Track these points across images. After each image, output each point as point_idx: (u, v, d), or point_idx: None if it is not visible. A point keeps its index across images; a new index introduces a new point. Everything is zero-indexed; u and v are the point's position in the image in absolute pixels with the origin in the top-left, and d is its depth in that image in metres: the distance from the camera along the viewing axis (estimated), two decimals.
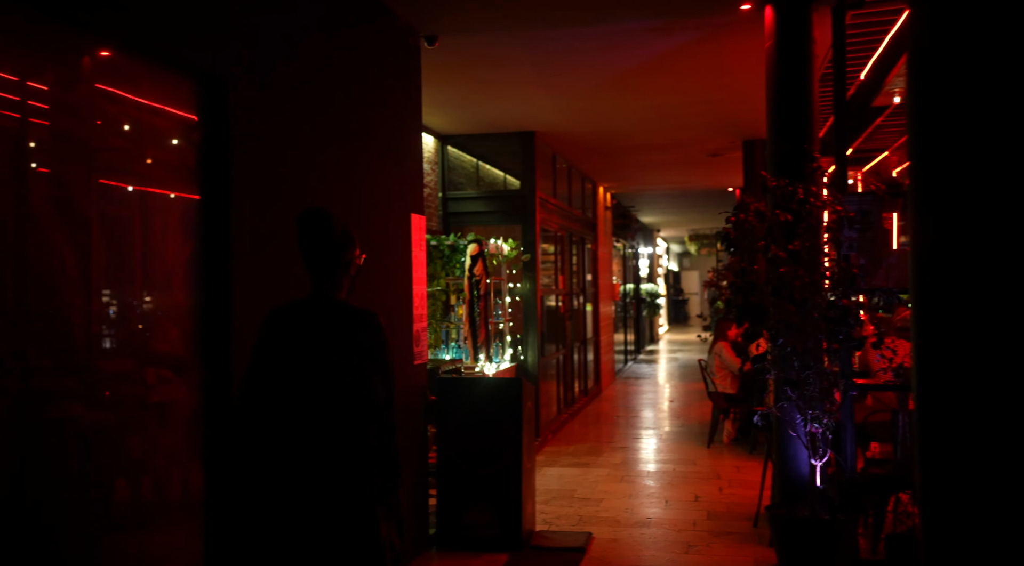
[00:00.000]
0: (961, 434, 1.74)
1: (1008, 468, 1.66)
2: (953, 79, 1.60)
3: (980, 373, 1.66)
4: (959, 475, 1.75)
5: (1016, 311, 1.60)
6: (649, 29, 6.31)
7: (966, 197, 1.68)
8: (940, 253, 1.74)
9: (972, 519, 1.72)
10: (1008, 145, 1.56)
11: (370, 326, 3.04)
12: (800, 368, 5.32)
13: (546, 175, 10.93)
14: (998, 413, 1.66)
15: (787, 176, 5.52)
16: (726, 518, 6.67)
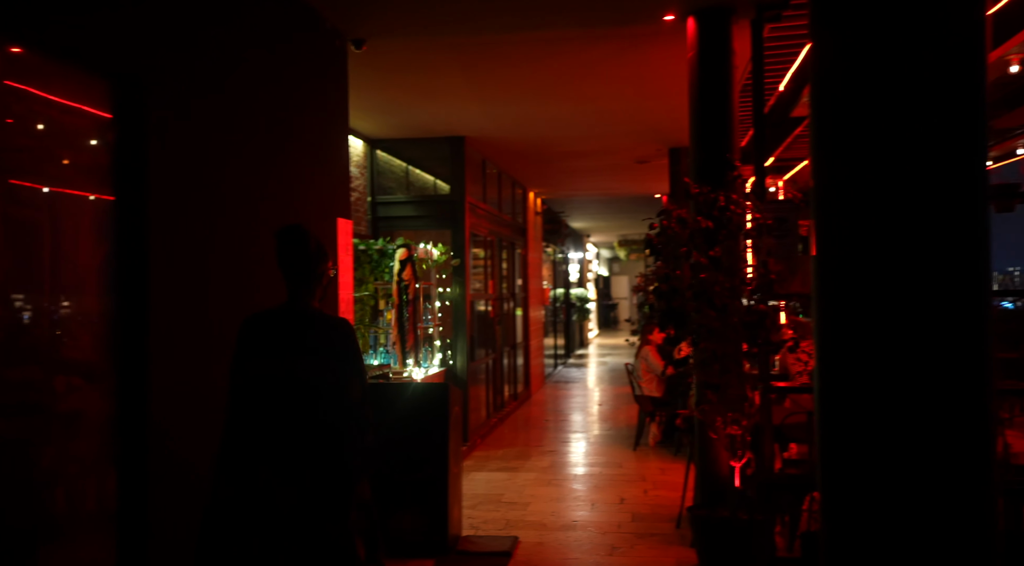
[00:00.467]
0: (858, 433, 1.81)
1: (901, 466, 1.74)
2: (847, 103, 1.67)
3: (875, 374, 1.73)
4: (856, 473, 1.82)
5: (906, 313, 1.67)
6: (576, 37, 6.39)
7: (862, 208, 1.75)
8: (838, 260, 1.80)
9: (868, 514, 1.79)
10: (893, 159, 1.63)
11: (345, 332, 3.33)
12: (720, 372, 5.44)
13: (476, 180, 10.95)
14: (892, 414, 1.73)
15: (709, 184, 5.64)
16: (650, 520, 6.78)
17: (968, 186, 1.60)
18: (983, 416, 1.65)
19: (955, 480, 1.67)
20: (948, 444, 1.66)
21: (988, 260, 1.65)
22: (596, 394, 15.15)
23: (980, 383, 1.64)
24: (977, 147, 1.60)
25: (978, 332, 1.63)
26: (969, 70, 1.61)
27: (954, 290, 1.62)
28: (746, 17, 5.85)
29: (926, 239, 1.62)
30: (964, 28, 1.62)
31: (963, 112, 1.59)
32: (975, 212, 1.61)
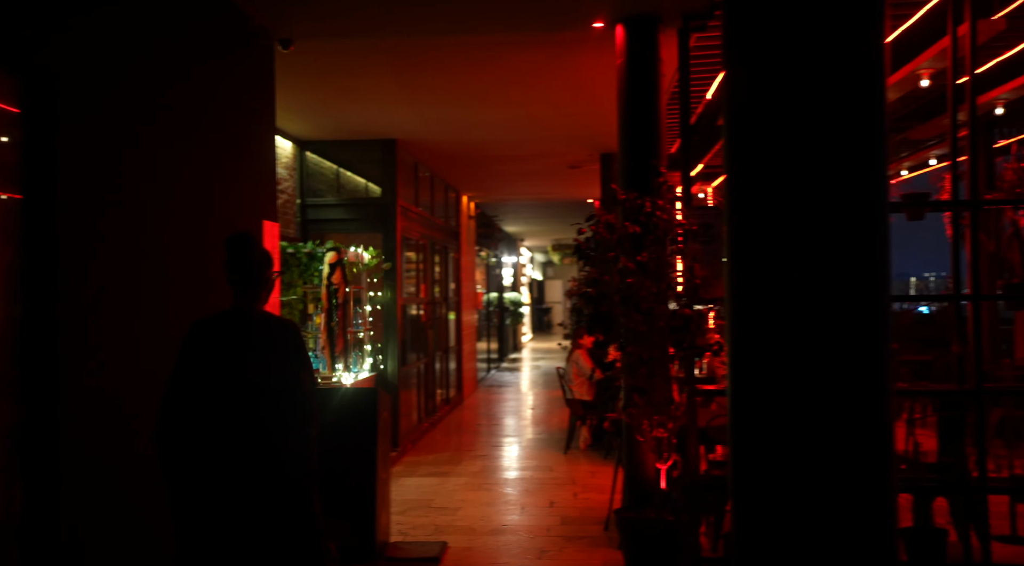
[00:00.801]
0: (765, 433, 1.84)
1: (804, 465, 1.78)
2: (756, 121, 1.71)
3: (780, 377, 1.77)
4: (763, 472, 1.85)
5: (808, 319, 1.71)
6: (508, 42, 6.41)
7: (769, 219, 1.79)
8: (748, 267, 1.84)
9: (774, 512, 1.83)
10: (797, 173, 1.67)
11: (291, 331, 3.55)
12: (647, 375, 5.51)
13: (408, 183, 10.89)
14: (796, 415, 1.77)
15: (637, 189, 5.71)
16: (579, 523, 6.82)
17: (866, 199, 1.65)
18: (880, 417, 1.70)
19: (854, 477, 1.71)
20: (847, 443, 1.70)
21: (886, 268, 1.70)
22: (529, 398, 15.19)
23: (878, 385, 1.69)
24: (875, 163, 1.65)
25: (876, 336, 1.68)
26: (868, 92, 1.67)
27: (853, 297, 1.66)
28: (673, 26, 5.95)
29: (827, 249, 1.67)
30: (863, 56, 1.67)
31: (862, 130, 1.65)
32: (874, 224, 1.66)
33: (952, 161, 5.57)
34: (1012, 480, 5.39)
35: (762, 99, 1.71)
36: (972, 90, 5.41)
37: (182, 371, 3.40)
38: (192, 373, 3.39)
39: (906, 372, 6.50)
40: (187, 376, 3.39)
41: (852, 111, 1.66)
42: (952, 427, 5.80)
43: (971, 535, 5.28)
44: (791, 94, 1.69)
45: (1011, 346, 11.26)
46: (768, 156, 1.70)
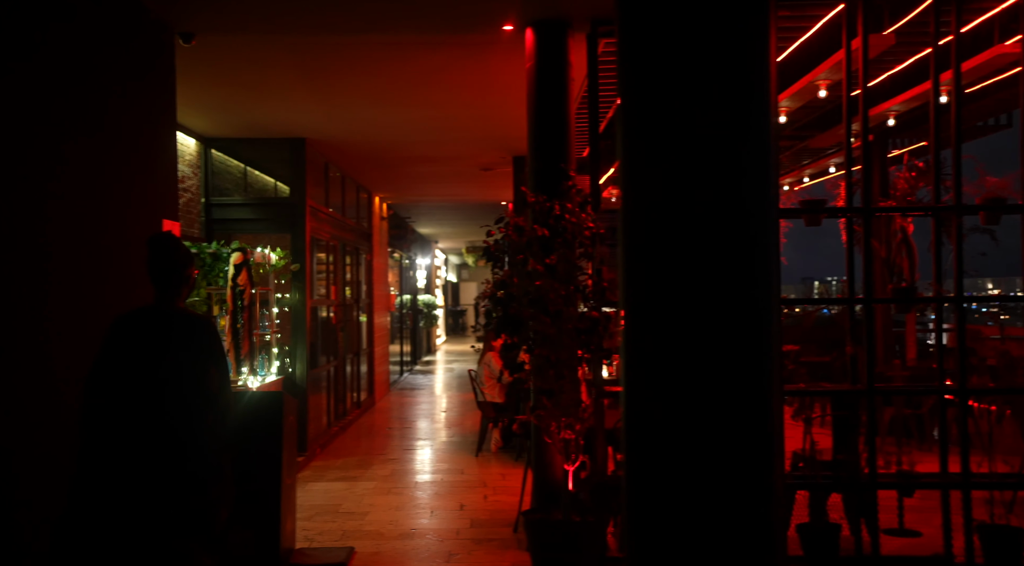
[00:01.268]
0: (656, 432, 1.87)
1: (694, 464, 1.81)
2: (649, 132, 1.74)
3: (669, 379, 1.80)
4: (656, 472, 1.88)
5: (697, 321, 1.75)
6: (419, 43, 6.37)
7: (661, 227, 1.82)
8: (639, 271, 1.87)
9: (666, 511, 1.86)
10: (688, 183, 1.70)
11: (208, 328, 3.68)
12: (555, 377, 5.55)
13: (318, 183, 10.72)
14: (685, 415, 1.81)
15: (546, 193, 5.76)
16: (489, 525, 6.83)
17: (750, 204, 1.69)
18: (765, 416, 1.75)
19: (740, 475, 1.76)
20: (733, 442, 1.75)
21: (773, 273, 1.75)
22: (442, 401, 15.14)
23: (764, 386, 1.74)
24: (763, 170, 1.69)
25: (762, 338, 1.73)
26: (756, 101, 1.71)
27: (740, 299, 1.71)
28: (582, 31, 6.02)
29: (713, 253, 1.71)
30: (751, 63, 1.72)
31: (751, 138, 1.69)
32: (762, 229, 1.70)
33: (847, 169, 5.79)
34: (899, 476, 5.63)
35: (652, 104, 1.74)
36: (864, 102, 5.64)
37: (99, 363, 3.54)
38: (108, 365, 3.53)
39: (804, 373, 6.71)
40: (103, 368, 3.52)
41: (740, 119, 1.71)
42: (846, 426, 6.03)
43: (862, 529, 5.50)
44: (680, 100, 1.73)
45: (904, 348, 11.78)
46: (657, 163, 1.73)
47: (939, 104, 5.76)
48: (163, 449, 3.44)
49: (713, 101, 1.68)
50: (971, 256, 6.42)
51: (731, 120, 1.68)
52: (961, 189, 5.57)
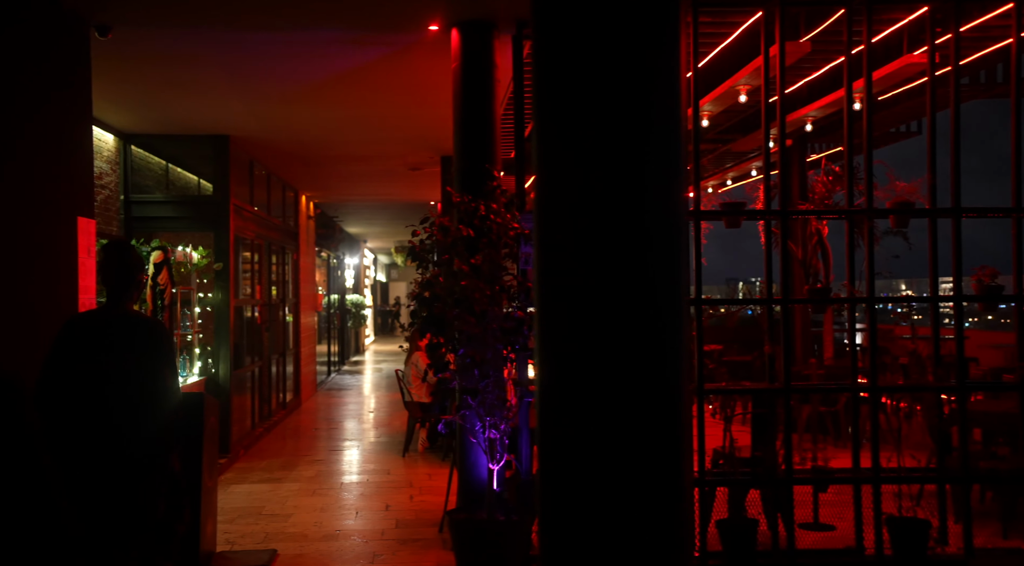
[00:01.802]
0: (569, 432, 1.90)
1: (605, 461, 1.84)
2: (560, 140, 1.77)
3: (578, 380, 1.83)
4: (567, 471, 1.91)
5: (607, 323, 1.78)
6: (342, 41, 6.31)
7: (574, 232, 1.85)
8: (551, 273, 1.89)
9: (577, 508, 1.88)
10: (600, 186, 1.74)
11: (159, 329, 3.92)
12: (480, 377, 5.57)
13: (243, 181, 10.53)
14: (595, 413, 1.84)
15: (471, 193, 5.77)
16: (414, 526, 6.80)
17: (655, 213, 1.73)
18: (673, 415, 1.79)
19: (650, 473, 1.79)
20: (643, 440, 1.78)
21: (682, 274, 1.79)
22: (370, 401, 15.02)
23: (672, 385, 1.78)
24: (667, 178, 1.73)
25: (667, 338, 1.77)
26: (664, 105, 1.75)
27: (648, 300, 1.75)
28: (508, 33, 6.04)
29: (623, 255, 1.74)
30: (660, 70, 1.76)
31: (654, 149, 1.73)
32: (667, 235, 1.74)
33: (765, 173, 5.94)
34: (814, 471, 5.81)
35: (560, 108, 1.77)
36: (782, 108, 5.80)
37: (50, 363, 3.75)
38: (58, 364, 3.74)
39: (725, 372, 6.87)
40: (54, 367, 3.74)
41: (643, 125, 1.74)
42: (764, 423, 6.19)
43: (779, 523, 5.65)
44: (590, 102, 1.76)
45: (821, 347, 12.14)
46: (565, 167, 1.76)
47: (852, 111, 5.96)
48: (107, 438, 3.67)
49: (616, 106, 1.72)
50: (885, 258, 6.66)
51: (635, 125, 1.71)
52: (872, 193, 5.77)
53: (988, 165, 17.02)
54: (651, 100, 1.71)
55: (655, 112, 1.71)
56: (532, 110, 2.01)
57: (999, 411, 6.76)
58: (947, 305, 5.83)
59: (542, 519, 1.92)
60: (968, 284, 5.85)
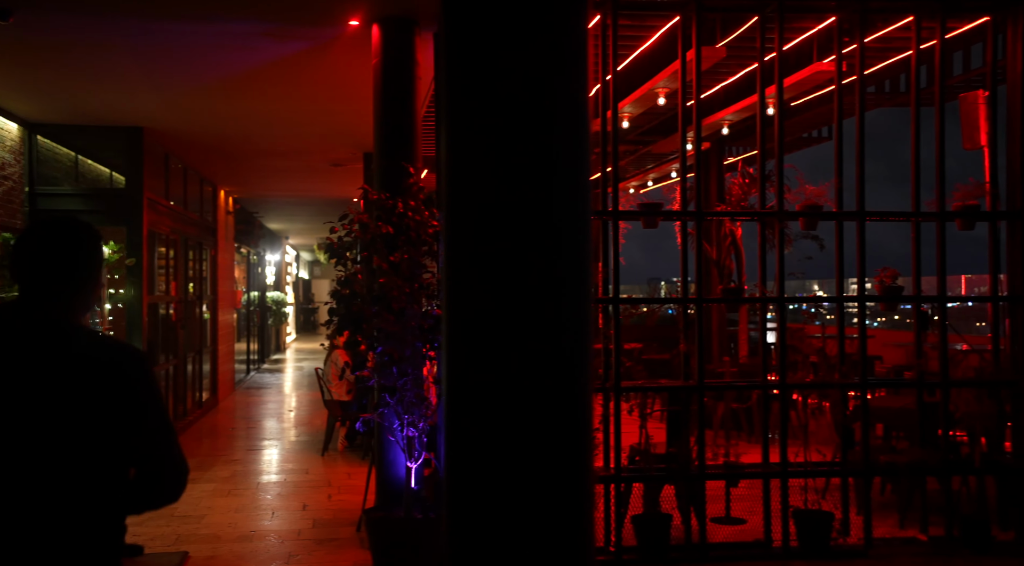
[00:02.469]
0: (475, 432, 1.91)
1: (509, 460, 1.86)
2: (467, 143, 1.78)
3: (481, 378, 1.85)
4: (474, 470, 1.92)
5: (509, 322, 1.80)
6: (260, 34, 6.20)
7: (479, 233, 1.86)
8: (459, 268, 1.90)
9: (480, 507, 1.90)
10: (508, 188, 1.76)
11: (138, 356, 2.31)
12: (398, 375, 5.54)
13: (157, 175, 10.24)
14: (500, 412, 1.86)
15: (390, 190, 5.74)
16: (332, 525, 6.73)
17: (559, 214, 1.76)
18: (577, 414, 1.82)
19: (552, 470, 1.82)
20: (546, 438, 1.81)
21: (584, 273, 1.82)
22: (291, 400, 14.79)
23: (575, 384, 1.81)
24: (571, 181, 1.76)
25: (573, 337, 1.80)
26: (566, 107, 1.78)
27: (548, 301, 1.77)
28: (429, 30, 6.03)
29: (527, 258, 1.76)
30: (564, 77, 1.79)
31: (557, 153, 1.76)
32: (570, 235, 1.77)
33: (682, 175, 6.07)
34: (726, 467, 5.96)
35: (469, 105, 1.78)
36: (698, 111, 5.93)
37: None
38: None
39: (641, 369, 6.98)
40: None
41: (546, 129, 1.77)
42: (679, 420, 6.33)
43: (692, 518, 5.79)
44: (494, 100, 1.77)
45: (738, 345, 12.45)
46: (469, 164, 1.77)
47: (766, 116, 6.13)
48: None
49: (520, 105, 1.73)
50: (799, 260, 6.87)
51: (538, 126, 1.74)
52: (783, 196, 5.95)
53: (895, 171, 17.75)
54: (555, 98, 1.73)
55: (560, 111, 1.73)
56: (437, 108, 2.01)
57: (898, 407, 7.04)
58: (853, 305, 6.05)
59: (448, 516, 1.93)
60: (873, 285, 6.09)
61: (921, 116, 6.06)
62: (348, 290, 5.75)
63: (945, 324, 5.93)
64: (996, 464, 5.90)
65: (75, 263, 2.18)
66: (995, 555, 5.66)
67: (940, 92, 6.01)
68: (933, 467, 5.87)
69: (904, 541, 5.87)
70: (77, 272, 2.18)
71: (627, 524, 5.82)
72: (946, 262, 5.94)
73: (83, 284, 2.19)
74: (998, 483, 6.06)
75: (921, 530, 5.89)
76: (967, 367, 7.07)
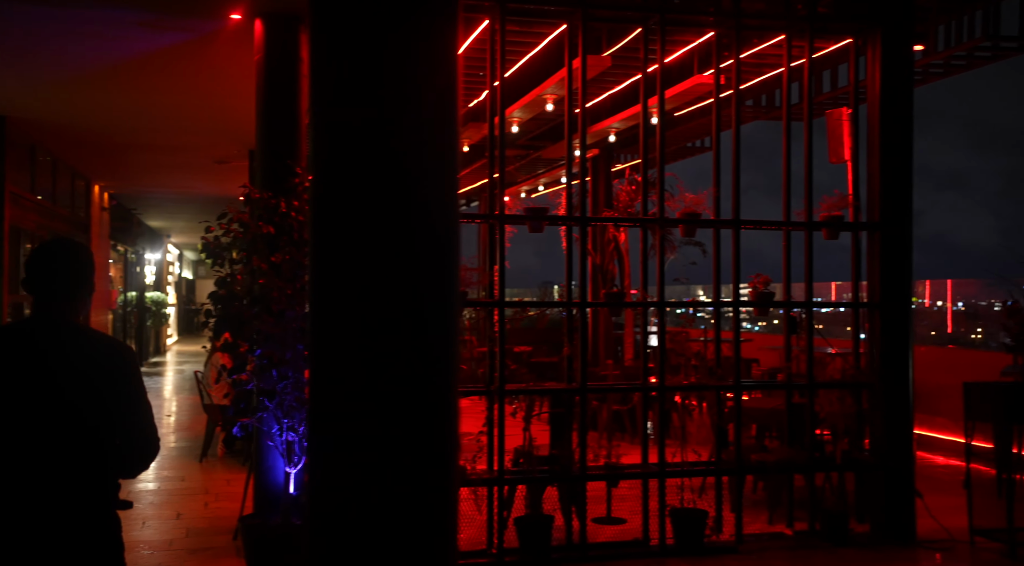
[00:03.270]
0: (339, 433, 1.89)
1: (375, 461, 1.85)
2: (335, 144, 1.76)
3: (348, 378, 1.83)
4: (337, 472, 1.90)
5: (374, 326, 1.79)
6: (133, 23, 5.95)
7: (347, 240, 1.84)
8: (326, 271, 1.88)
9: (345, 513, 1.88)
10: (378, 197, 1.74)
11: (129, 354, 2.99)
12: (278, 378, 5.42)
13: (21, 167, 9.70)
14: (368, 413, 1.84)
15: (273, 189, 5.61)
16: (207, 534, 6.51)
17: (422, 216, 1.76)
18: (441, 417, 1.82)
19: (416, 472, 1.82)
20: (408, 442, 1.80)
21: (450, 276, 1.83)
22: (170, 404, 14.25)
23: (438, 388, 1.81)
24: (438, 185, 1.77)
25: (437, 340, 1.80)
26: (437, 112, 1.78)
27: (412, 303, 1.77)
28: None
29: (391, 261, 1.76)
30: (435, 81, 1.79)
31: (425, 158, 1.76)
32: (433, 238, 1.77)
33: (567, 181, 6.16)
34: (607, 468, 6.07)
35: (334, 106, 1.76)
36: (583, 119, 6.04)
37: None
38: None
39: (525, 372, 7.04)
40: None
41: (414, 133, 1.77)
42: (562, 422, 6.41)
43: (574, 518, 5.87)
44: (360, 100, 1.76)
45: (624, 348, 12.72)
46: (335, 166, 1.75)
47: (649, 125, 6.29)
48: None
49: (379, 103, 1.73)
50: (684, 265, 7.08)
51: (401, 126, 1.73)
52: (664, 203, 6.12)
53: (772, 181, 18.83)
54: (420, 94, 1.73)
55: (425, 109, 1.73)
56: (308, 108, 1.98)
57: (770, 408, 7.34)
58: (731, 310, 6.28)
59: (308, 520, 1.90)
60: (749, 291, 6.34)
61: (793, 130, 6.35)
62: (226, 291, 5.59)
63: (812, 328, 6.23)
64: (855, 461, 6.23)
65: (76, 276, 2.84)
66: (852, 546, 5.98)
67: (808, 108, 6.30)
68: (799, 465, 6.14)
69: (772, 536, 6.12)
70: (78, 283, 2.83)
71: (510, 526, 5.86)
72: (813, 269, 6.24)
73: (82, 292, 2.84)
74: (857, 479, 6.40)
75: (788, 525, 6.16)
76: (835, 369, 7.43)
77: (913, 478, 6.18)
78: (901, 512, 6.09)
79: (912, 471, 6.20)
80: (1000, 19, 7.02)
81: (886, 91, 6.23)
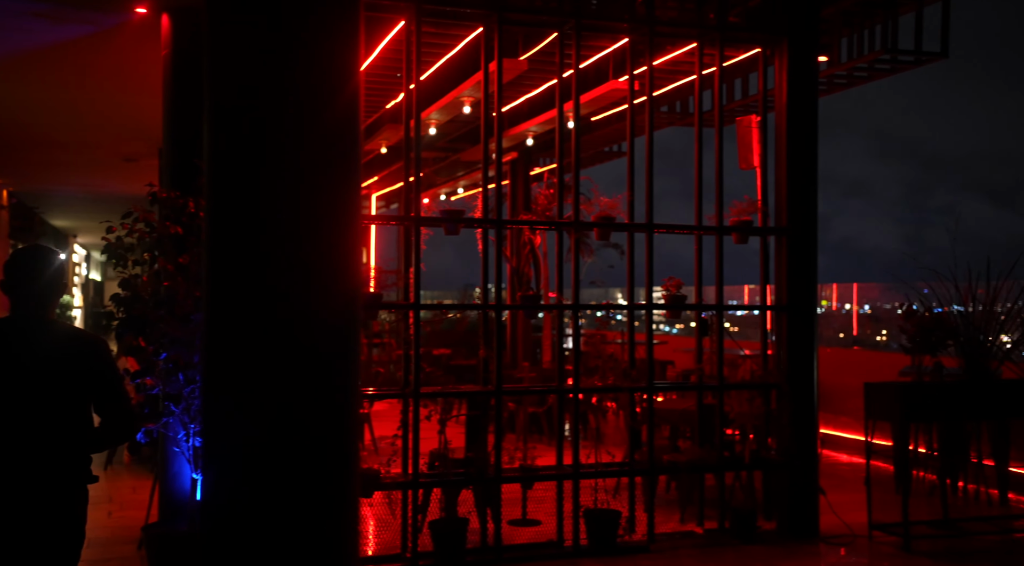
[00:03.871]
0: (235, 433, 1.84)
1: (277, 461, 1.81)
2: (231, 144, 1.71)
3: (240, 380, 1.78)
4: (237, 471, 1.85)
5: (275, 326, 1.75)
6: (30, 13, 5.72)
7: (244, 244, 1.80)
8: (217, 270, 1.83)
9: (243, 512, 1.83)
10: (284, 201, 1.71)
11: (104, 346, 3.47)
12: (185, 382, 5.27)
13: None
14: (263, 416, 1.80)
15: (181, 188, 5.46)
16: (110, 544, 6.28)
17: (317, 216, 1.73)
18: (339, 422, 1.79)
19: (312, 477, 1.78)
20: (305, 447, 1.77)
21: (349, 277, 1.80)
22: None
23: (335, 391, 1.78)
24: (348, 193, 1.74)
25: (334, 343, 1.77)
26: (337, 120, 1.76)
27: (308, 301, 1.74)
28: None
29: (287, 262, 1.72)
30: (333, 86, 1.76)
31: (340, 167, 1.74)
32: (343, 236, 1.75)
33: (483, 184, 6.17)
34: (522, 470, 6.09)
35: (231, 105, 1.72)
36: (499, 122, 6.05)
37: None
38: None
39: (440, 374, 7.01)
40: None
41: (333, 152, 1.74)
42: (478, 425, 6.41)
43: (489, 521, 5.87)
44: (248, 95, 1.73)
45: (542, 351, 12.80)
46: (230, 166, 1.71)
47: (565, 129, 6.34)
48: None
49: (271, 100, 1.70)
50: (602, 269, 7.15)
51: (294, 121, 1.71)
52: (579, 207, 6.19)
53: (687, 186, 19.33)
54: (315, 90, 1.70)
55: (321, 107, 1.71)
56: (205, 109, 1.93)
57: (683, 408, 7.48)
58: (645, 312, 6.37)
59: (202, 527, 1.85)
60: (663, 294, 6.45)
61: (705, 137, 6.49)
62: (131, 293, 5.41)
63: (722, 330, 6.37)
64: (763, 460, 6.39)
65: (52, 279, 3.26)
66: (759, 543, 6.13)
67: (719, 116, 6.45)
68: (710, 465, 6.27)
69: (683, 535, 6.23)
70: (52, 285, 3.26)
71: (425, 530, 5.82)
72: (724, 273, 6.39)
73: (55, 292, 3.28)
74: (764, 477, 6.57)
75: (698, 523, 6.28)
76: (746, 371, 7.61)
77: (817, 476, 6.38)
78: (805, 509, 6.27)
79: (816, 469, 6.39)
80: (899, 34, 7.31)
81: (792, 100, 6.42)
